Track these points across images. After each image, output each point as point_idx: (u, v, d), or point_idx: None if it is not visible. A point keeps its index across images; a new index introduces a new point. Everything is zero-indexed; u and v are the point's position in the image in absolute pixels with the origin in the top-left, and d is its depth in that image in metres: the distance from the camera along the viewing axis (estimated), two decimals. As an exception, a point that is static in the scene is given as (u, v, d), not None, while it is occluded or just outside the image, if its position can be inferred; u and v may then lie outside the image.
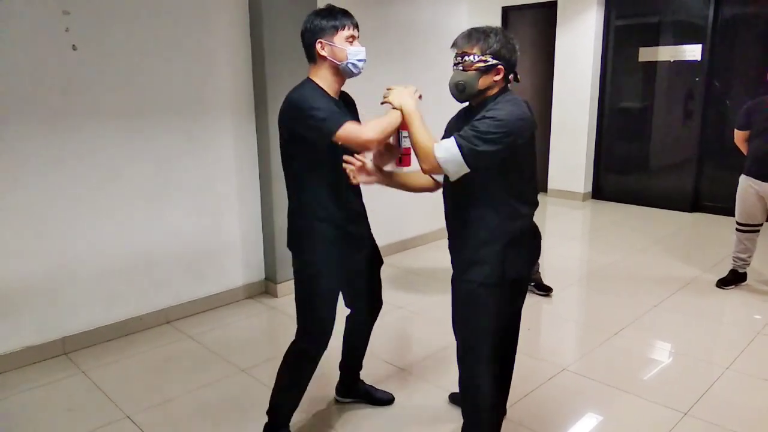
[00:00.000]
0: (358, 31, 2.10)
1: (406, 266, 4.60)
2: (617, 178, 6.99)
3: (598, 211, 6.66)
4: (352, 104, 2.29)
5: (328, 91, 2.08)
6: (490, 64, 1.87)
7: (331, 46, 2.04)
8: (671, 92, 6.47)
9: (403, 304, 3.81)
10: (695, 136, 6.25)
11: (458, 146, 1.80)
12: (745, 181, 3.89)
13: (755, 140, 3.82)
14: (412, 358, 3.11)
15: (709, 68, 6.01)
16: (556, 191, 7.15)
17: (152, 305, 3.50)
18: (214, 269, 3.77)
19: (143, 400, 2.72)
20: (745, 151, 3.96)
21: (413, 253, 4.98)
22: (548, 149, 7.16)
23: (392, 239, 4.83)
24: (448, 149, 1.82)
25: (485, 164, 1.82)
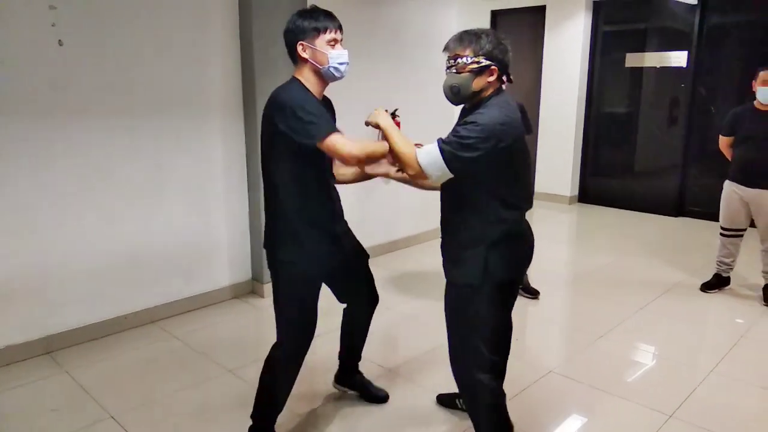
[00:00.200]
0: (341, 33, 2.07)
1: (395, 267, 4.59)
2: (603, 182, 7.06)
3: (584, 214, 6.71)
4: (331, 109, 2.27)
5: (313, 92, 2.06)
6: (483, 65, 1.86)
7: (312, 48, 2.02)
8: (657, 98, 6.55)
9: (391, 305, 3.81)
10: (680, 141, 6.33)
11: (440, 151, 1.79)
12: (729, 186, 3.95)
13: (740, 146, 3.88)
14: (400, 359, 3.11)
15: (694, 75, 6.10)
16: (542, 194, 7.19)
17: (138, 304, 3.46)
18: (200, 269, 3.75)
19: (128, 400, 2.68)
20: (729, 156, 4.01)
21: (402, 254, 4.98)
22: (535, 152, 7.21)
23: (381, 240, 4.82)
24: (430, 153, 1.81)
25: (467, 169, 1.82)
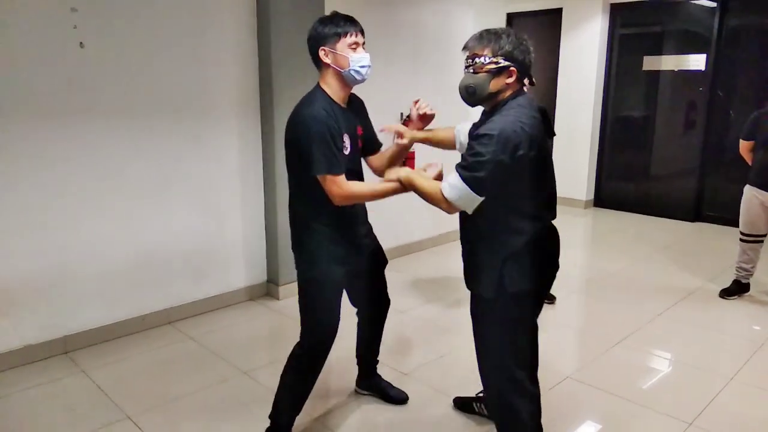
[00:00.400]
0: (363, 37, 2.11)
1: (408, 271, 4.58)
2: (619, 186, 6.99)
3: (599, 218, 6.65)
4: (360, 108, 2.31)
5: (335, 98, 2.11)
6: (501, 65, 1.80)
7: (333, 53, 2.07)
8: (675, 101, 6.47)
9: (405, 309, 3.79)
10: (698, 145, 6.25)
11: (463, 180, 1.74)
12: (749, 191, 3.89)
13: (760, 151, 3.82)
14: (413, 363, 3.10)
15: (713, 78, 6.02)
16: (558, 198, 7.12)
17: (154, 305, 3.48)
18: (216, 270, 3.76)
19: (144, 400, 2.70)
20: (749, 161, 3.96)
21: (414, 258, 4.97)
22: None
23: (393, 244, 4.81)
24: (454, 186, 1.77)
25: (493, 187, 1.76)
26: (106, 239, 3.22)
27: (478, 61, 1.82)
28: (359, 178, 2.27)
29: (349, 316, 2.52)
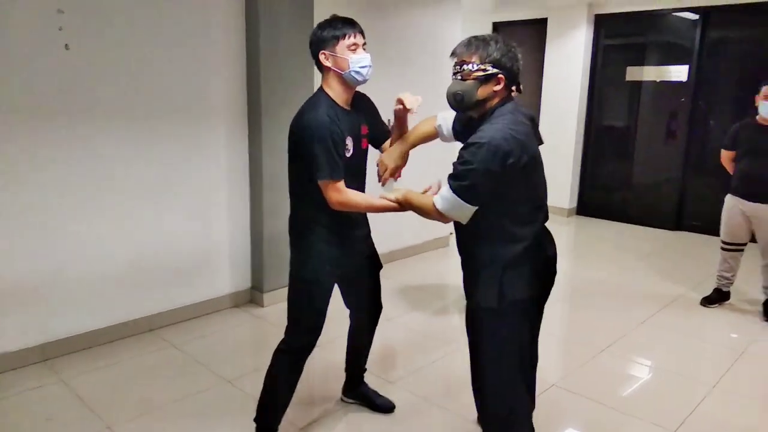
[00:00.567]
0: (363, 38, 2.13)
1: (393, 278, 4.57)
2: (602, 194, 7.05)
3: (582, 227, 6.71)
4: (367, 106, 2.32)
5: (338, 100, 2.13)
6: (489, 73, 1.79)
7: (333, 56, 2.09)
8: (657, 111, 6.56)
9: (392, 316, 3.78)
10: (679, 155, 6.34)
11: (453, 190, 1.75)
12: (731, 200, 3.95)
13: (742, 160, 3.88)
14: (399, 371, 3.08)
15: (695, 89, 6.11)
16: (542, 206, 7.17)
17: (137, 312, 3.42)
18: (200, 277, 3.71)
19: (125, 410, 2.64)
20: (731, 170, 4.02)
21: (400, 264, 4.96)
22: (535, 164, 7.20)
23: (380, 250, 4.77)
24: (446, 198, 1.78)
25: (485, 196, 1.76)
26: (88, 244, 3.16)
27: (466, 68, 1.81)
28: (363, 177, 2.29)
29: (335, 325, 2.50)
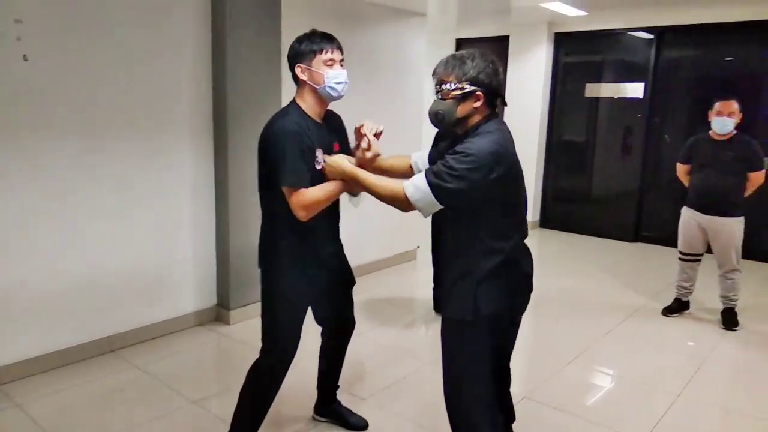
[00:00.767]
0: (341, 54, 2.13)
1: (360, 293, 4.53)
2: (564, 207, 7.21)
3: (546, 239, 6.82)
4: (337, 125, 2.32)
5: (310, 114, 2.13)
6: (467, 91, 1.80)
7: (309, 70, 2.09)
8: (615, 127, 6.77)
9: (361, 331, 3.73)
10: (637, 168, 6.54)
11: (428, 183, 1.76)
12: (687, 212, 4.08)
13: (696, 174, 4.02)
14: (370, 388, 3.05)
15: (650, 105, 6.34)
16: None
17: (97, 332, 3.29)
18: (164, 294, 3.60)
19: (86, 435, 2.54)
20: (686, 183, 4.16)
21: (366, 279, 4.93)
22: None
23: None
24: (418, 187, 1.78)
25: (457, 201, 1.77)
26: (45, 261, 3.03)
27: (444, 87, 1.83)
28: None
29: (305, 342, 2.45)
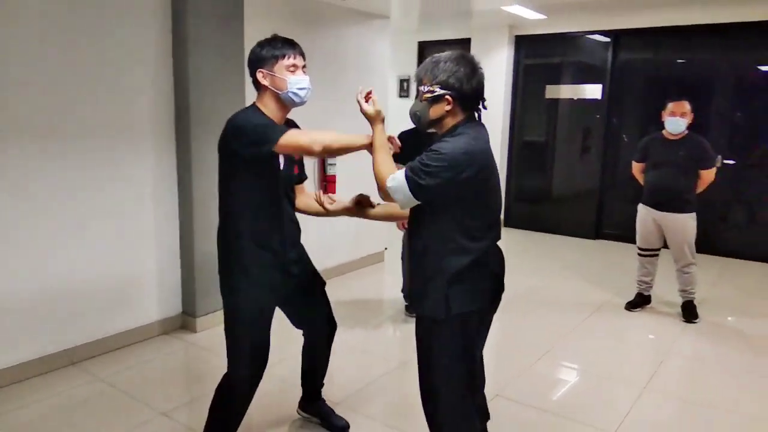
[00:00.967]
0: (303, 60, 2.12)
1: (330, 295, 4.48)
2: (527, 206, 7.34)
3: (510, 238, 6.92)
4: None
5: (272, 117, 2.09)
6: (437, 94, 1.84)
7: (271, 75, 2.06)
8: (574, 128, 6.94)
9: (331, 335, 3.71)
10: (596, 168, 6.72)
11: (406, 178, 1.79)
12: (643, 209, 4.21)
13: (651, 172, 4.15)
14: (343, 391, 3.02)
15: (608, 106, 6.52)
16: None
17: (57, 344, 3.17)
18: (125, 303, 3.49)
19: (48, 453, 2.44)
20: (642, 181, 4.29)
21: (337, 281, 4.89)
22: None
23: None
24: (396, 179, 1.82)
25: (430, 197, 1.81)
26: (1, 272, 2.90)
27: (420, 89, 1.89)
28: (291, 204, 2.24)
29: (290, 341, 2.42)
